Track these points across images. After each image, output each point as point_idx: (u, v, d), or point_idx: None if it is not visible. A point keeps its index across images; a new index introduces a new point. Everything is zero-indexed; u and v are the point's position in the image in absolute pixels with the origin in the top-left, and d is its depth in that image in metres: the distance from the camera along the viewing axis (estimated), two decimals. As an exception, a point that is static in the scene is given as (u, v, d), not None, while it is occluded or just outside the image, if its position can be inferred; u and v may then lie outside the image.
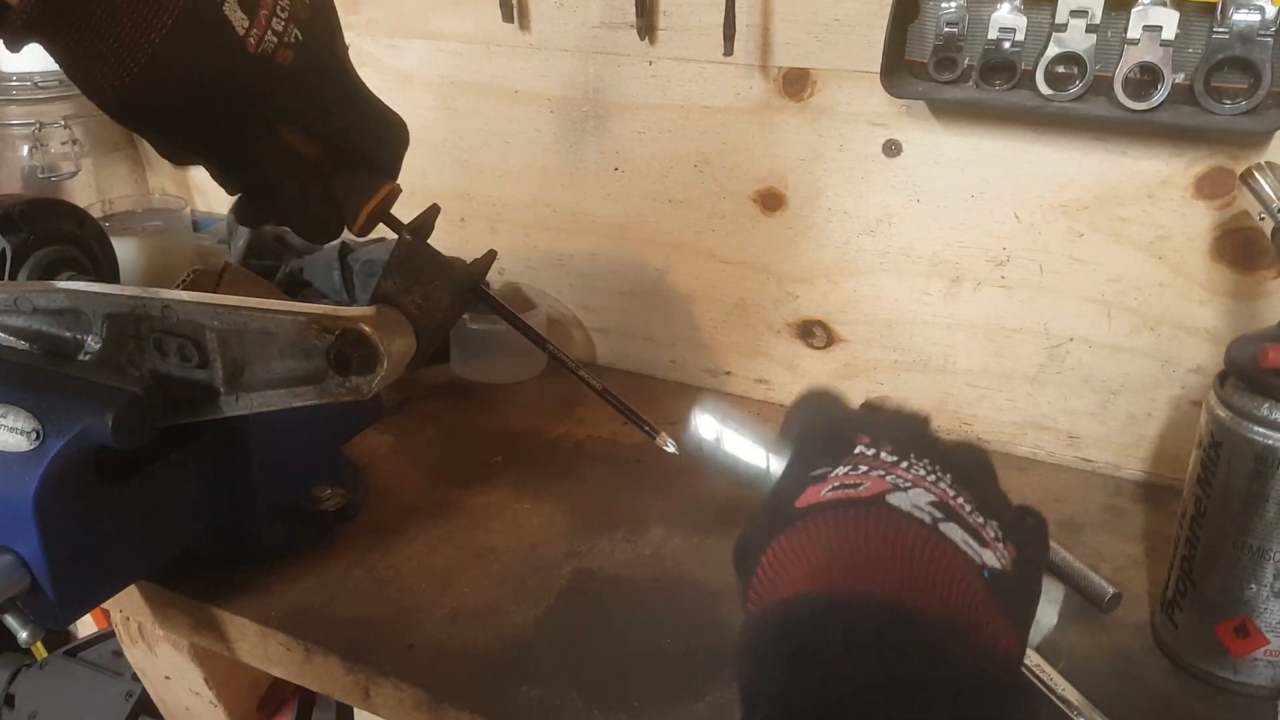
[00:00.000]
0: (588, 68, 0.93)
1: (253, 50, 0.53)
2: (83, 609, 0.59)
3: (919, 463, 0.49)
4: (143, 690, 1.12)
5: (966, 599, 0.43)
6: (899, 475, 0.48)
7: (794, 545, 0.45)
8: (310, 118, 0.58)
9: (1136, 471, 0.85)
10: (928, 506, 0.46)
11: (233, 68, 0.53)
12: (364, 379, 0.52)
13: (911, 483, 0.47)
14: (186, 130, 0.56)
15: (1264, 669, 0.60)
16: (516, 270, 1.05)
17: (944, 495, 0.47)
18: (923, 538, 0.44)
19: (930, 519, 0.45)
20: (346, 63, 0.60)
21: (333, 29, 0.59)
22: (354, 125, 0.61)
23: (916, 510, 0.45)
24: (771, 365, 0.96)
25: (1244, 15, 0.68)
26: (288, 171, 0.60)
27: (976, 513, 0.48)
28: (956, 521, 0.45)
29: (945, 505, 0.46)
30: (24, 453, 0.53)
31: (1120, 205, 0.78)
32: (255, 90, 0.54)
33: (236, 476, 0.66)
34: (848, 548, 0.44)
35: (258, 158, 0.58)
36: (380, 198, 0.61)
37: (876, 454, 0.49)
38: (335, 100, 0.59)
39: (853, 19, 0.81)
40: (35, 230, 0.84)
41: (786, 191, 0.89)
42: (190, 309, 0.55)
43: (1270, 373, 0.56)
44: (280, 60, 0.54)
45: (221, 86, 0.53)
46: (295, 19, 0.54)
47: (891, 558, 0.43)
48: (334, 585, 0.69)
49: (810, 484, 0.48)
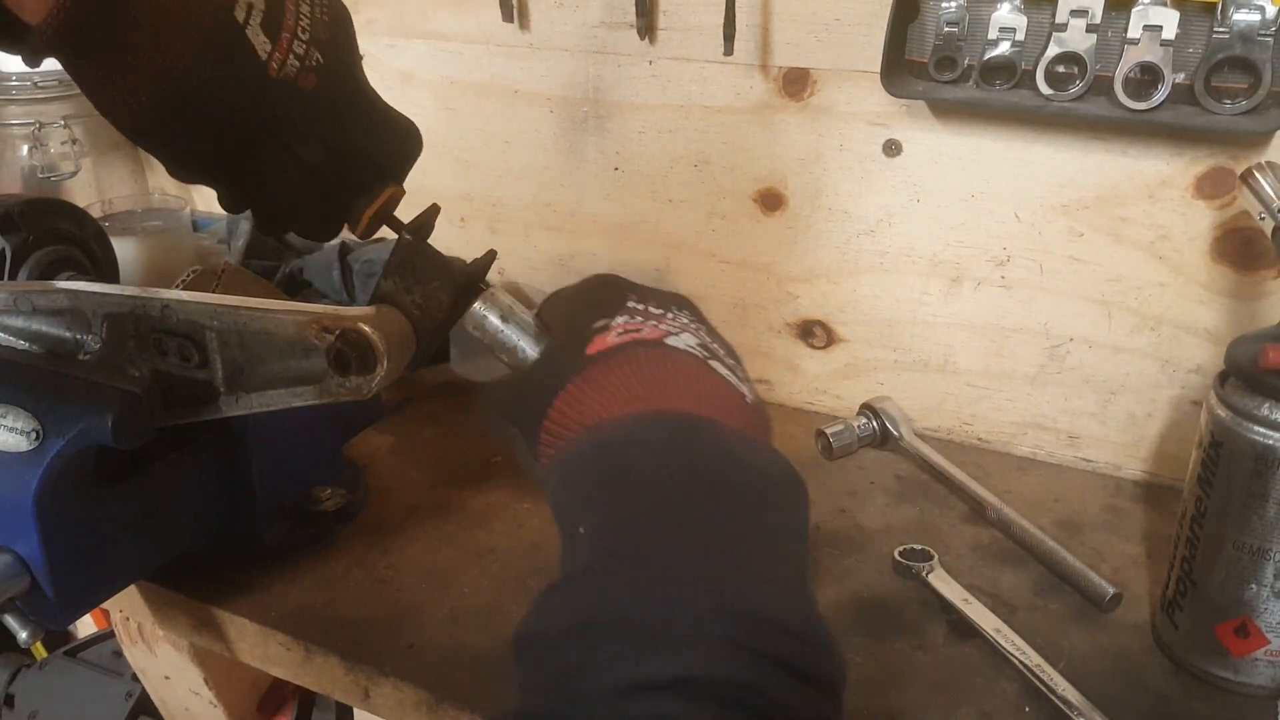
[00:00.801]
0: (588, 68, 0.93)
1: (275, 75, 0.52)
2: (83, 609, 0.59)
3: (680, 313, 0.57)
4: (143, 690, 1.12)
5: (742, 415, 0.51)
6: (668, 324, 0.55)
7: (594, 383, 0.51)
8: (328, 139, 0.57)
9: (1136, 471, 0.85)
10: (697, 348, 0.54)
11: (254, 93, 0.52)
12: (364, 379, 0.52)
13: (680, 329, 0.55)
14: (202, 153, 0.55)
15: (1264, 669, 0.60)
16: (516, 270, 1.05)
17: (705, 340, 0.55)
18: (704, 370, 0.52)
19: (702, 356, 0.53)
20: (364, 79, 0.60)
21: (352, 47, 0.58)
22: (369, 141, 0.60)
23: (690, 349, 0.53)
24: (771, 365, 0.96)
25: (1244, 15, 0.67)
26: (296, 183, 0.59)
27: (729, 356, 0.56)
28: (719, 360, 0.54)
29: (708, 348, 0.55)
30: (24, 453, 0.53)
31: (1120, 205, 0.78)
32: (275, 115, 0.54)
33: (236, 476, 0.66)
34: (644, 379, 0.50)
35: (271, 179, 0.57)
36: (383, 201, 0.61)
37: (645, 308, 0.56)
38: (353, 119, 0.59)
39: (853, 19, 0.81)
40: (35, 230, 0.84)
41: (786, 191, 0.89)
42: (190, 309, 0.55)
43: (1270, 373, 0.56)
44: (302, 84, 0.53)
45: (242, 111, 0.53)
46: (316, 41, 0.54)
47: (683, 384, 0.50)
48: (334, 585, 0.69)
49: (596, 334, 0.54)
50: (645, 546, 0.42)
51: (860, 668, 0.62)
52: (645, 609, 0.38)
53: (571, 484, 0.48)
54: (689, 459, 0.45)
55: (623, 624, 0.37)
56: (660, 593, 0.38)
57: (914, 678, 0.61)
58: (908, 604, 0.68)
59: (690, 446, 0.46)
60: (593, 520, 0.44)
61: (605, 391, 0.50)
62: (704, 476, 0.44)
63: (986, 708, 0.59)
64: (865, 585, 0.70)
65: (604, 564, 0.42)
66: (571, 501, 0.47)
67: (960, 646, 0.64)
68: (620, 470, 0.45)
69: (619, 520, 0.44)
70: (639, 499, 0.44)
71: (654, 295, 0.58)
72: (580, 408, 0.50)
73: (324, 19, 0.56)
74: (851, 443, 0.87)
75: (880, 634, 0.65)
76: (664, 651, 0.35)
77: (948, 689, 0.60)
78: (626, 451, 0.46)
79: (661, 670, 0.35)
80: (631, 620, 0.37)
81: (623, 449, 0.47)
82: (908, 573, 0.70)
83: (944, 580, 0.69)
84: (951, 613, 0.67)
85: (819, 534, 0.76)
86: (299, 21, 0.53)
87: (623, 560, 0.41)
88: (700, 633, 0.36)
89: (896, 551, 0.72)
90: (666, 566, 0.40)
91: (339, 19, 0.57)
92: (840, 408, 0.94)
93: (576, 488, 0.47)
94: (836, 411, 0.94)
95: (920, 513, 0.79)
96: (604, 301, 0.56)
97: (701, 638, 0.36)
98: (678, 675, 0.35)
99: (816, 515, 0.78)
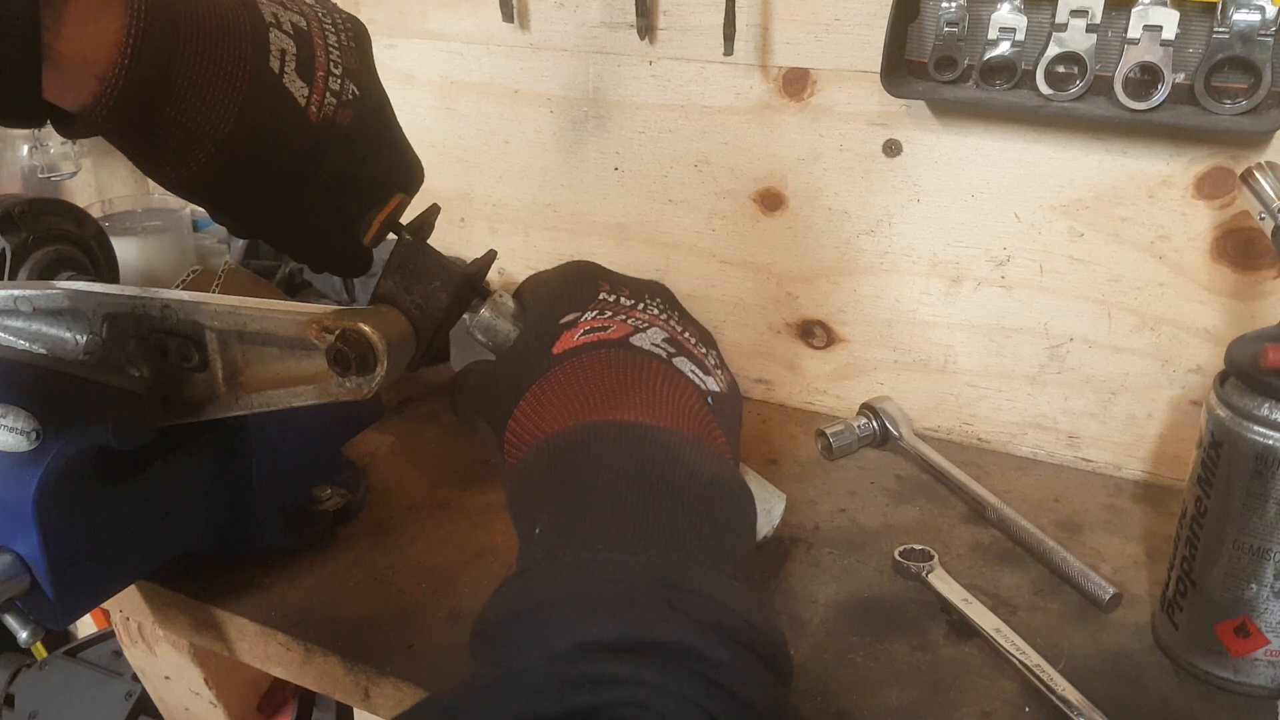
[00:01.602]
0: (588, 68, 0.93)
1: (315, 119, 0.52)
2: (83, 609, 0.59)
3: (652, 303, 0.57)
4: (143, 690, 1.12)
5: (696, 421, 0.51)
6: (637, 317, 0.55)
7: (556, 387, 0.52)
8: (361, 170, 0.57)
9: (1136, 471, 0.85)
10: (663, 343, 0.54)
11: (297, 141, 0.52)
12: (363, 379, 0.52)
13: (648, 322, 0.55)
14: (254, 208, 0.55)
15: (1264, 669, 0.60)
16: (516, 270, 1.05)
17: (674, 331, 0.56)
18: (661, 372, 0.52)
19: (665, 354, 0.53)
20: (386, 99, 0.59)
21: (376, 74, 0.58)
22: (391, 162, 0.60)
23: (655, 348, 0.53)
24: (771, 365, 0.96)
25: (1244, 15, 0.67)
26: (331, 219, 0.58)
27: (701, 344, 0.56)
28: (685, 354, 0.54)
29: (675, 340, 0.55)
30: (24, 453, 0.53)
31: (1120, 205, 0.78)
32: (318, 158, 0.53)
33: (236, 476, 0.66)
34: (601, 386, 0.51)
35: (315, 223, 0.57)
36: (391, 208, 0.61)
37: (616, 299, 0.57)
38: (385, 148, 0.58)
39: (853, 19, 0.81)
40: (35, 230, 0.84)
41: (786, 191, 0.89)
42: (190, 309, 0.55)
43: (1270, 373, 0.56)
44: (341, 121, 0.53)
45: (288, 162, 0.52)
46: (349, 71, 0.54)
47: (639, 391, 0.51)
48: (334, 585, 0.69)
49: (564, 330, 0.54)
50: (596, 536, 0.43)
51: (860, 668, 0.62)
52: (591, 584, 0.39)
53: (527, 492, 0.49)
54: (637, 465, 0.47)
55: (569, 598, 0.39)
56: (606, 573, 0.40)
57: (914, 678, 0.61)
58: (908, 604, 0.68)
59: (639, 453, 0.47)
60: (545, 520, 0.46)
61: (564, 397, 0.51)
62: (651, 480, 0.46)
63: (986, 708, 0.59)
64: (865, 585, 0.70)
65: (553, 555, 0.43)
66: (528, 507, 0.49)
67: (960, 646, 0.64)
68: (572, 474, 0.47)
69: (569, 518, 0.45)
70: (588, 499, 0.45)
71: (627, 283, 0.59)
72: (539, 416, 0.52)
73: (350, 45, 0.55)
74: (851, 443, 0.87)
75: (880, 634, 0.65)
76: (607, 615, 0.37)
77: (948, 689, 0.60)
78: (578, 458, 0.48)
79: (605, 632, 0.36)
80: (577, 594, 0.39)
81: (575, 455, 0.48)
82: (908, 573, 0.70)
83: (944, 580, 0.69)
84: (951, 613, 0.67)
85: (819, 534, 0.76)
86: (329, 55, 0.53)
87: (576, 548, 0.43)
88: (645, 599, 0.38)
89: (896, 551, 0.72)
90: (615, 554, 0.41)
91: (360, 38, 0.57)
92: (840, 408, 0.94)
93: (531, 495, 0.49)
94: (836, 411, 0.94)
95: (920, 513, 0.79)
96: (575, 293, 0.57)
97: (647, 604, 0.37)
98: (621, 636, 0.36)
99: (816, 515, 0.78)
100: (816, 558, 0.73)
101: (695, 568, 0.41)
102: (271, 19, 0.51)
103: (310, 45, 0.52)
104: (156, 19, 0.46)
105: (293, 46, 0.51)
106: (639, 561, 0.41)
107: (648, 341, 0.54)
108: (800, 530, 0.76)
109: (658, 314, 0.57)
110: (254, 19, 0.50)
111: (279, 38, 0.51)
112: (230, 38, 0.49)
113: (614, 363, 0.52)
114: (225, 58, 0.48)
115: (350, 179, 0.56)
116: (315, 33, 0.53)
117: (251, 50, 0.49)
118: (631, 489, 0.45)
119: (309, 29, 0.53)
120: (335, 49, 0.54)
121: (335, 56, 0.53)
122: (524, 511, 0.49)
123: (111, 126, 0.48)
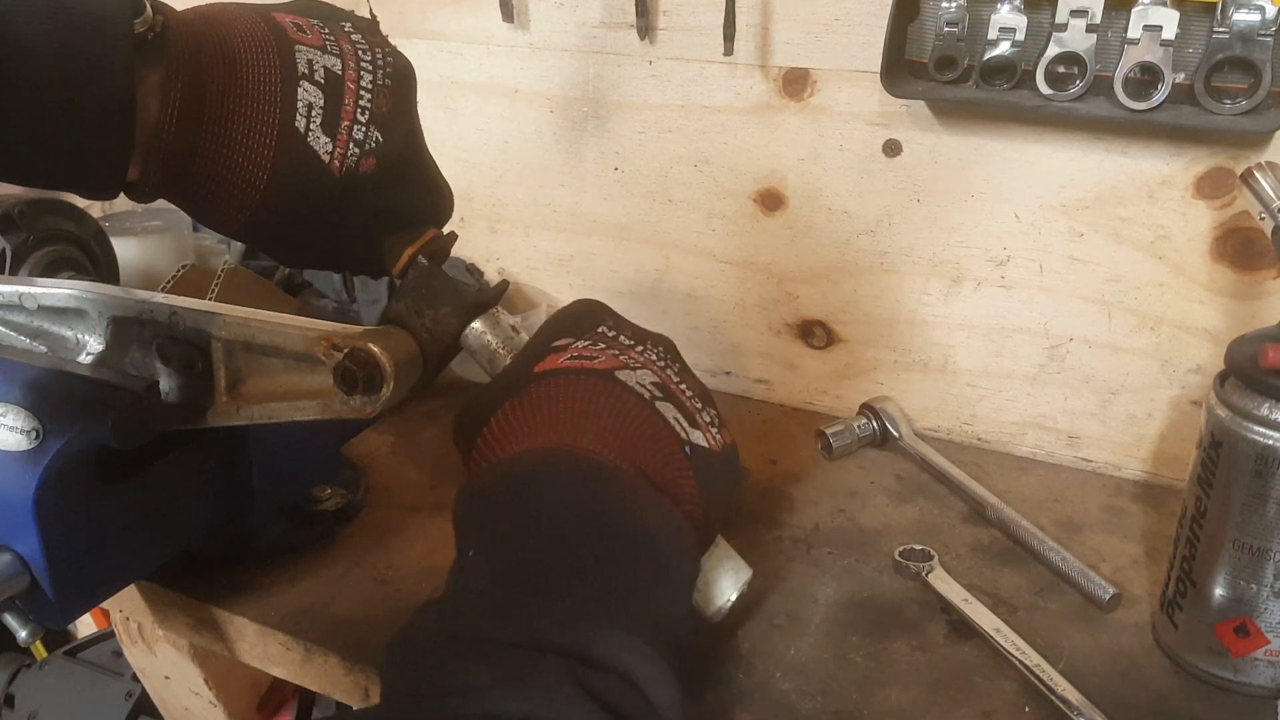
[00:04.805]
0: (588, 68, 0.93)
1: (338, 173, 0.55)
2: (83, 609, 0.59)
3: (653, 350, 0.57)
4: (142, 690, 1.12)
5: (660, 464, 0.51)
6: (632, 357, 0.55)
7: (525, 407, 0.52)
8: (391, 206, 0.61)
9: (1136, 471, 0.85)
10: (650, 385, 0.53)
11: (322, 193, 0.56)
12: (368, 398, 0.52)
13: (641, 364, 0.55)
14: (296, 247, 0.61)
15: (1264, 669, 0.60)
16: (516, 270, 1.05)
17: (668, 379, 0.55)
18: (637, 409, 0.52)
19: (649, 395, 0.53)
20: (422, 144, 0.63)
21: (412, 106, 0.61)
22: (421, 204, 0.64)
23: (640, 387, 0.53)
24: (771, 365, 0.96)
25: (1244, 15, 0.67)
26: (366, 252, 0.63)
27: (697, 399, 0.56)
28: (673, 402, 0.54)
29: (666, 387, 0.54)
30: (24, 452, 0.53)
31: (1120, 205, 0.78)
32: (344, 206, 0.57)
33: (236, 476, 0.66)
34: (569, 412, 0.51)
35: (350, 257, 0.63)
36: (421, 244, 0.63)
37: (616, 336, 0.57)
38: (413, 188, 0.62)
39: (853, 19, 0.81)
40: (35, 230, 0.84)
41: (786, 191, 0.89)
42: (198, 317, 0.55)
43: (1270, 373, 0.56)
44: (364, 169, 0.56)
45: (315, 212, 0.57)
46: (375, 117, 0.56)
47: (609, 423, 0.51)
48: (334, 585, 0.69)
49: (551, 352, 0.54)
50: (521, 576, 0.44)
51: (860, 667, 0.62)
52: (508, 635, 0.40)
53: (472, 511, 0.50)
54: (582, 503, 0.47)
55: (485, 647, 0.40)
56: (523, 625, 0.40)
57: (914, 678, 0.61)
58: (908, 604, 0.68)
59: (587, 490, 0.48)
60: (483, 544, 0.47)
61: (532, 417, 0.52)
62: (592, 522, 0.46)
63: (986, 708, 0.59)
64: (865, 585, 0.70)
65: (481, 586, 0.44)
66: (469, 526, 0.49)
67: (960, 646, 0.64)
68: (516, 503, 0.48)
69: (505, 549, 0.46)
70: (526, 532, 0.46)
71: (632, 328, 0.59)
72: (503, 436, 0.52)
73: (386, 84, 0.58)
74: (851, 443, 0.87)
75: (880, 634, 0.65)
76: (516, 691, 0.38)
77: (948, 689, 0.60)
78: (526, 486, 0.48)
79: (514, 708, 0.37)
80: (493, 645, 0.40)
81: (524, 483, 0.48)
82: (907, 573, 0.70)
83: (944, 580, 0.69)
84: (951, 613, 0.67)
85: (819, 534, 0.76)
86: (359, 101, 0.56)
87: (499, 585, 0.44)
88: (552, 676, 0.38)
89: (896, 551, 0.72)
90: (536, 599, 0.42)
91: (400, 79, 0.60)
92: (840, 408, 0.94)
93: (475, 515, 0.49)
94: (836, 411, 0.94)
95: (920, 513, 0.79)
96: (576, 324, 0.58)
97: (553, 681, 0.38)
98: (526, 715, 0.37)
99: (816, 515, 0.78)
100: (816, 558, 0.73)
101: (608, 634, 0.41)
102: (305, 68, 0.54)
103: (340, 92, 0.55)
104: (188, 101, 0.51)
105: (320, 99, 0.54)
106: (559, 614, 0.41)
107: (634, 380, 0.54)
108: (800, 530, 0.76)
109: (655, 359, 0.57)
110: (287, 71, 0.54)
111: (307, 91, 0.54)
112: (256, 103, 0.53)
113: (591, 389, 0.52)
114: (249, 126, 0.53)
115: (382, 213, 0.60)
116: (349, 76, 0.56)
117: (280, 109, 0.53)
118: (570, 528, 0.46)
119: (343, 73, 0.56)
120: (367, 92, 0.57)
121: (365, 102, 0.56)
122: (463, 530, 0.49)
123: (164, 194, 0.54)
